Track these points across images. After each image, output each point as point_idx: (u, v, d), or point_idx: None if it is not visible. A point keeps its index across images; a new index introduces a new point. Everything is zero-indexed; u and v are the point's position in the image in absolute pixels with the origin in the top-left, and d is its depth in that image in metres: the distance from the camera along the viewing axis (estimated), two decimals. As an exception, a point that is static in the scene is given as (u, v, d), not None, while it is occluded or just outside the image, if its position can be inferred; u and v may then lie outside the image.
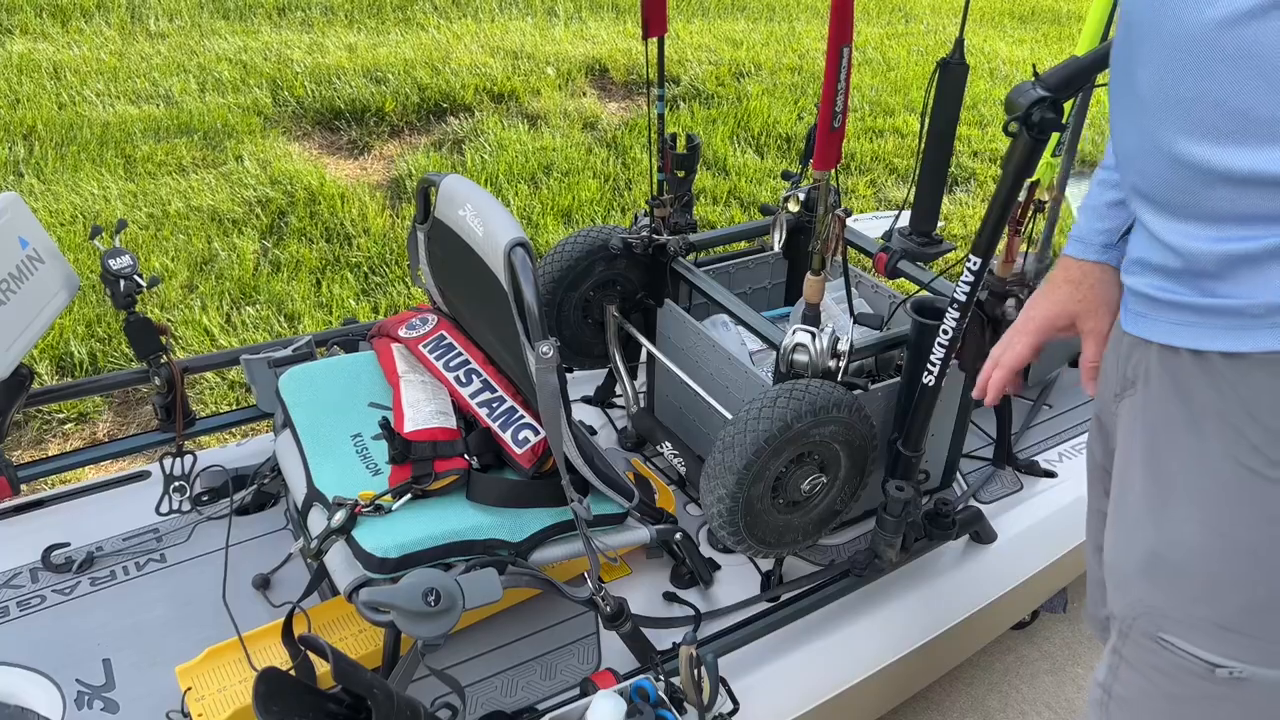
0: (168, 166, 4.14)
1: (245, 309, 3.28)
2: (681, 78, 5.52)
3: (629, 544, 1.61)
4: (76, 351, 2.96)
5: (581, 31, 6.12)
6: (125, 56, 5.07)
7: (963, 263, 1.49)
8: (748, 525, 1.52)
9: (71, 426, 2.79)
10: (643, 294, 1.97)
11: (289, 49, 5.27)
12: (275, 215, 3.86)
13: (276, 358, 1.89)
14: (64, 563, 1.70)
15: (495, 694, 1.51)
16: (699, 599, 1.70)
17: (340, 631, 1.54)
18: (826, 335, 1.52)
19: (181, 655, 1.48)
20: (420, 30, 5.83)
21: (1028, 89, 1.25)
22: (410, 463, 1.46)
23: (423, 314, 1.82)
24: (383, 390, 1.67)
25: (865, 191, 4.58)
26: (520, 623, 1.62)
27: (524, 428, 1.53)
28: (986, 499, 1.96)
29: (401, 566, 1.34)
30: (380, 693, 1.11)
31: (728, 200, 4.32)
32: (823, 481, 1.56)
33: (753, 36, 6.36)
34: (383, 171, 4.43)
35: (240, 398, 2.88)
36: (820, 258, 1.58)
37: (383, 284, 3.52)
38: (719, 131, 4.89)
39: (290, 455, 1.60)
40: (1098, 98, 5.92)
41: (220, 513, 1.83)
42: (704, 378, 1.80)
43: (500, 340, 1.56)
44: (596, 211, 4.13)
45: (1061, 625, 2.32)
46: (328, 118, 4.72)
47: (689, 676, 1.34)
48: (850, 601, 1.71)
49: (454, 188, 1.54)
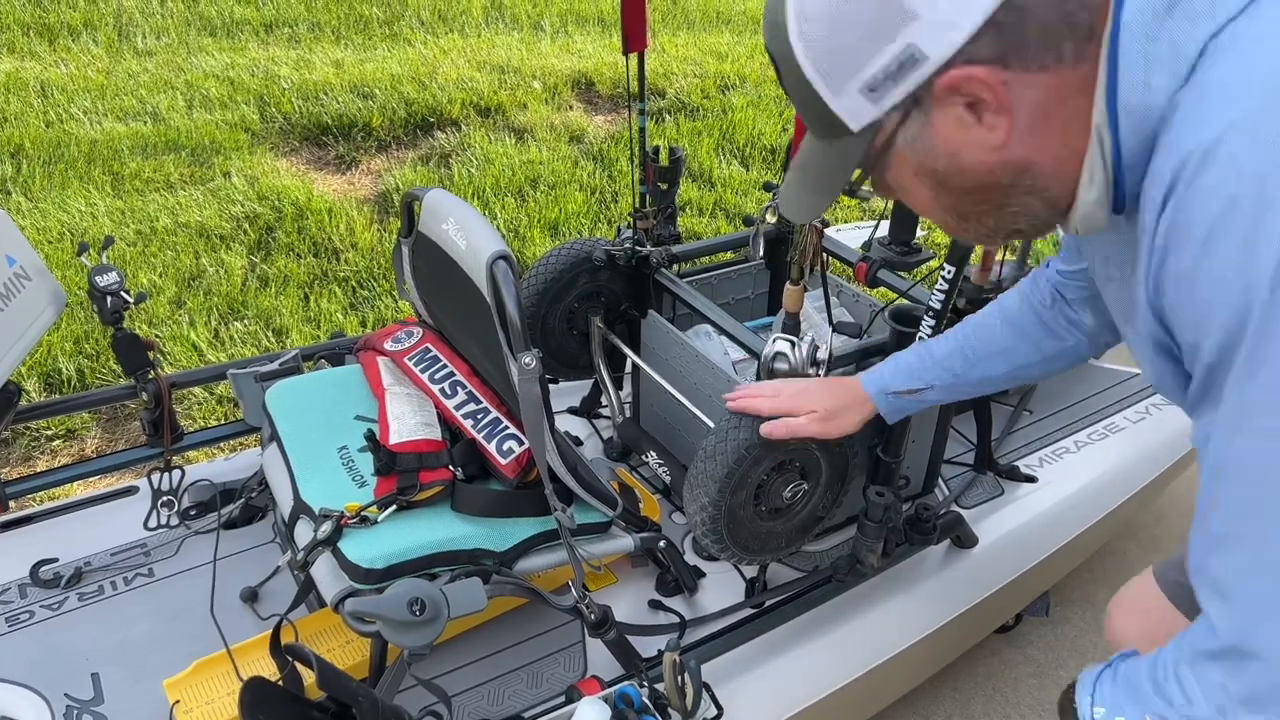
0: (155, 183, 4.16)
1: (233, 324, 3.29)
2: (667, 91, 5.56)
3: (613, 552, 1.63)
4: (65, 368, 2.96)
5: (567, 46, 6.16)
6: (113, 74, 5.08)
7: (939, 271, 1.51)
8: (731, 532, 1.53)
9: (60, 443, 2.80)
10: (627, 305, 1.99)
11: (276, 65, 5.30)
12: (263, 231, 3.88)
13: (263, 372, 1.90)
14: (52, 578, 1.71)
15: (481, 703, 1.52)
16: (684, 606, 1.72)
17: (328, 643, 1.55)
18: (806, 343, 1.54)
19: (170, 669, 1.48)
20: (407, 46, 5.86)
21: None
22: (395, 474, 1.48)
23: (408, 327, 1.84)
24: (369, 403, 1.69)
25: (846, 201, 4.62)
26: (506, 632, 1.64)
27: (508, 438, 1.55)
28: (968, 504, 1.98)
29: (387, 577, 1.36)
30: (365, 700, 1.12)
31: (713, 212, 4.35)
32: (804, 488, 1.57)
33: (738, 49, 6.41)
34: (370, 186, 4.45)
35: (228, 413, 2.89)
36: (799, 267, 1.61)
37: (370, 298, 3.54)
38: (704, 144, 4.93)
39: (277, 468, 1.61)
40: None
41: (208, 527, 1.84)
42: (688, 387, 1.82)
43: (484, 352, 1.58)
44: (583, 224, 4.15)
45: (1045, 629, 2.35)
46: (315, 133, 4.75)
47: (673, 682, 1.36)
48: (833, 607, 1.72)
49: (437, 202, 1.56)
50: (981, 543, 1.91)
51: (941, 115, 0.83)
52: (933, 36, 0.78)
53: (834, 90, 0.85)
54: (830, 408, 1.42)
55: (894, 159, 0.90)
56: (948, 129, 0.84)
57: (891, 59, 0.80)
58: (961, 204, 0.91)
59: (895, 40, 0.79)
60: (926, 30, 0.78)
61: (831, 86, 0.84)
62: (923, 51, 0.79)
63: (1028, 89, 0.80)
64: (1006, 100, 0.80)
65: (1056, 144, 0.84)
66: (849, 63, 0.82)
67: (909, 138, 0.86)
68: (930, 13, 0.77)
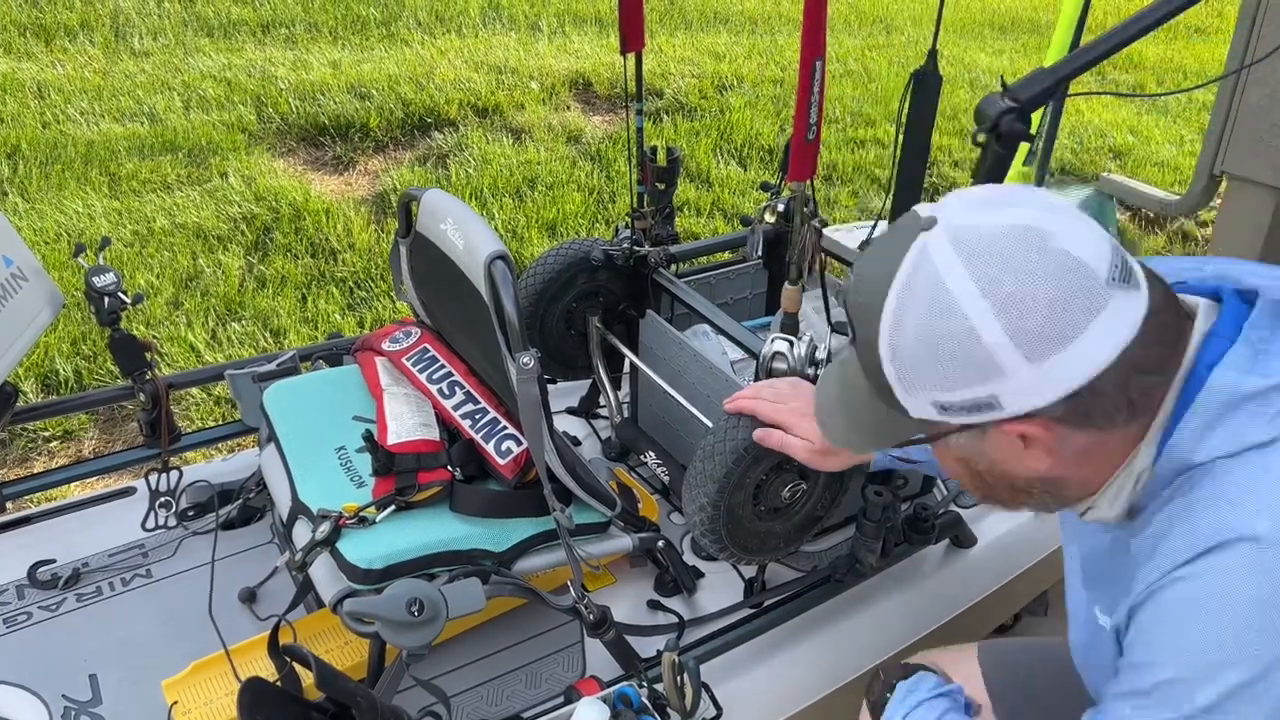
0: (152, 184, 4.15)
1: (231, 325, 3.29)
2: (665, 91, 5.56)
3: (612, 552, 1.63)
4: (62, 369, 2.96)
5: (565, 46, 6.15)
6: (109, 75, 5.08)
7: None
8: (730, 533, 1.53)
9: (57, 444, 2.79)
10: (625, 305, 1.99)
11: (273, 66, 5.29)
12: (260, 231, 3.87)
13: (261, 372, 1.90)
14: (50, 579, 1.71)
15: (480, 703, 1.52)
16: (683, 606, 1.72)
17: (327, 644, 1.54)
18: (804, 343, 1.54)
19: (168, 669, 1.48)
20: (404, 46, 5.86)
21: (995, 100, 1.27)
22: (394, 475, 1.47)
23: (406, 327, 1.84)
24: (366, 404, 1.68)
25: (848, 202, 4.62)
26: (505, 632, 1.64)
27: (507, 439, 1.55)
28: (966, 504, 1.98)
29: (385, 577, 1.35)
30: (364, 701, 1.12)
31: (711, 212, 4.35)
32: (803, 488, 1.57)
33: (735, 49, 6.41)
34: (367, 187, 4.45)
35: (226, 413, 2.89)
36: (797, 267, 1.61)
37: (368, 298, 3.53)
38: (702, 144, 4.93)
39: (275, 469, 1.61)
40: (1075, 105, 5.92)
41: (206, 527, 1.84)
42: (686, 387, 1.82)
43: (482, 352, 1.58)
44: (581, 224, 4.15)
45: (1044, 628, 2.34)
46: (312, 134, 4.74)
47: (672, 683, 1.35)
48: (832, 607, 1.72)
49: (435, 202, 1.56)
50: (980, 542, 1.91)
51: (996, 439, 0.90)
52: (1014, 395, 0.83)
53: (906, 390, 0.88)
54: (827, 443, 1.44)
55: (938, 446, 0.98)
56: (998, 448, 0.92)
57: (970, 399, 0.85)
58: (990, 489, 1.00)
59: (979, 387, 0.83)
60: (1010, 389, 0.83)
61: (905, 387, 0.88)
62: (1000, 402, 0.84)
63: (1080, 438, 0.88)
64: (1057, 445, 0.88)
65: (1089, 472, 0.93)
66: (929, 381, 0.86)
67: (960, 441, 0.94)
68: (1017, 377, 0.82)
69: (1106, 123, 5.77)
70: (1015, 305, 0.79)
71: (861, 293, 0.89)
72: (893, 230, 0.90)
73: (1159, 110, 6.22)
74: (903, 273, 0.84)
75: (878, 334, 0.86)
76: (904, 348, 0.85)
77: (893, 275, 0.84)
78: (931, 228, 0.84)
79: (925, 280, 0.83)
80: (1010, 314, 0.80)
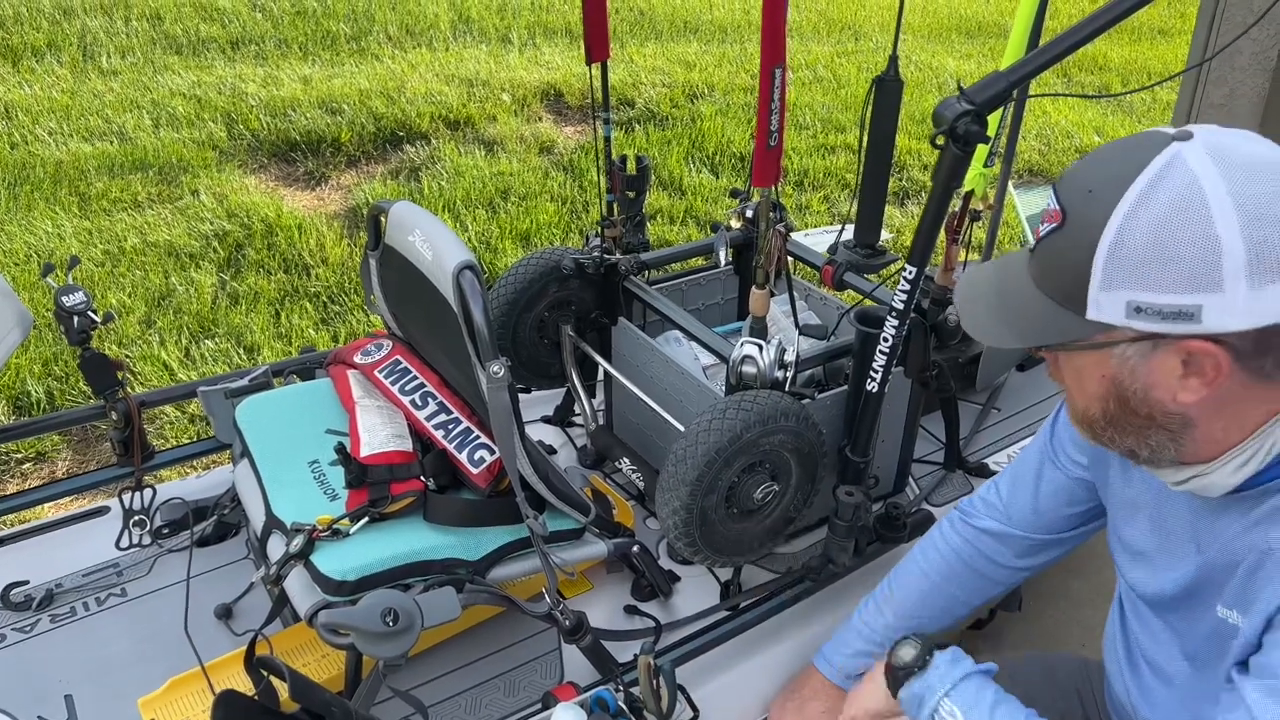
0: (123, 203, 4.13)
1: (204, 342, 3.28)
2: (636, 100, 5.59)
3: (587, 559, 1.64)
4: (34, 391, 2.94)
5: (536, 57, 6.17)
6: (78, 94, 5.05)
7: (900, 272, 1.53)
8: (703, 536, 1.55)
9: (30, 466, 2.77)
10: (597, 313, 2.00)
11: (243, 82, 5.28)
12: (233, 248, 3.86)
13: (233, 388, 1.89)
14: (23, 600, 1.70)
15: (459, 712, 1.53)
16: (660, 611, 1.73)
17: (304, 657, 1.54)
18: (773, 347, 1.56)
19: (144, 688, 1.47)
20: (375, 61, 5.86)
21: (953, 103, 1.29)
22: (367, 486, 1.48)
23: (378, 340, 1.84)
24: (339, 417, 1.69)
25: (819, 207, 4.65)
26: (483, 641, 1.64)
27: (480, 448, 1.55)
28: (938, 502, 2.00)
29: (360, 589, 1.36)
30: (339, 710, 1.12)
31: (684, 219, 4.37)
32: (775, 490, 1.59)
33: (705, 58, 6.45)
34: (340, 201, 4.45)
35: (200, 431, 2.88)
36: (763, 272, 1.62)
37: (342, 312, 3.53)
38: (674, 152, 4.96)
39: (249, 484, 1.61)
40: (1042, 107, 5.97)
41: (181, 545, 1.83)
42: (659, 393, 1.83)
43: (454, 362, 1.59)
44: (554, 234, 4.17)
45: (1018, 624, 2.37)
46: (284, 149, 4.74)
47: (648, 685, 1.36)
48: (807, 606, 1.74)
49: (403, 213, 1.56)
50: (952, 539, 1.93)
51: (1164, 357, 0.89)
52: (1218, 311, 0.83)
53: (1104, 284, 0.87)
54: None
55: (1095, 356, 0.94)
56: (1160, 369, 0.90)
57: (1175, 305, 0.84)
58: (1120, 417, 0.97)
59: (1190, 295, 0.83)
60: (1218, 304, 0.82)
61: (1105, 281, 0.87)
62: (1201, 316, 0.83)
63: (1238, 382, 0.88)
64: (1219, 381, 0.88)
65: (1222, 425, 0.93)
66: (1141, 278, 0.85)
67: (1125, 355, 0.91)
68: (1232, 294, 0.82)
69: (1073, 124, 5.84)
70: (1264, 225, 0.81)
71: (1093, 181, 0.89)
72: (1132, 138, 0.91)
73: (1124, 110, 6.30)
74: (1151, 169, 0.84)
75: (1104, 222, 0.86)
76: (1132, 239, 0.84)
77: (1139, 170, 0.85)
78: (1187, 140, 0.85)
79: (1177, 181, 0.83)
80: (1256, 232, 0.81)
